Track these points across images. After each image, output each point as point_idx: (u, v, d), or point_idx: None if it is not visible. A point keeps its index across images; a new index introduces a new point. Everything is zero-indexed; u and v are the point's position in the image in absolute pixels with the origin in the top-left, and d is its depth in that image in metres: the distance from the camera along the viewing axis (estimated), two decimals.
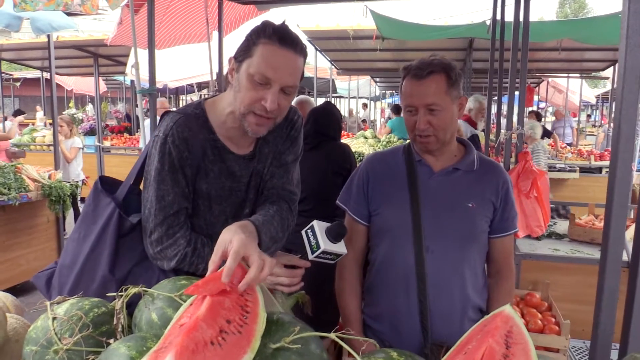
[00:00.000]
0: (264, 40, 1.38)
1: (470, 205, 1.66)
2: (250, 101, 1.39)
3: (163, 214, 1.43)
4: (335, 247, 1.41)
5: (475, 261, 1.70)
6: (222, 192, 1.52)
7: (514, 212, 1.74)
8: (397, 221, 1.69)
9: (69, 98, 17.45)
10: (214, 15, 4.84)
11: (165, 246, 1.44)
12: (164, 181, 1.43)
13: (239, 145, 1.54)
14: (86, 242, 1.48)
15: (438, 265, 1.64)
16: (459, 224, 1.66)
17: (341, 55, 9.42)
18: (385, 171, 1.77)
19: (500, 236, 1.73)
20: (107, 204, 1.49)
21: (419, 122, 1.61)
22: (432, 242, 1.64)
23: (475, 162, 1.73)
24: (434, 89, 1.59)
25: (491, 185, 1.70)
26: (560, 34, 5.86)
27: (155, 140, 1.47)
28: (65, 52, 8.95)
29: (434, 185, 1.69)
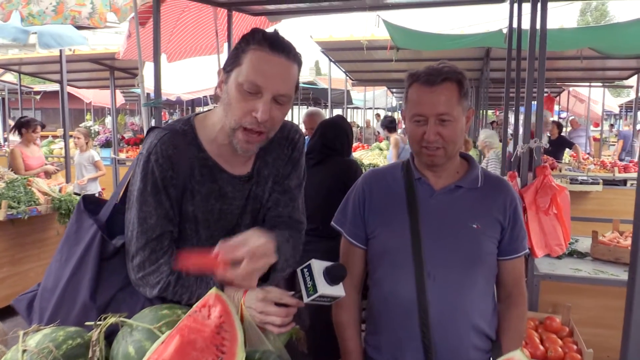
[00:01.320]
0: (253, 47, 1.29)
1: (475, 226, 1.53)
2: (240, 113, 1.28)
3: (145, 237, 1.34)
4: (333, 289, 1.29)
5: (482, 286, 1.56)
6: (210, 215, 1.41)
7: (523, 232, 1.61)
8: (395, 245, 1.56)
9: (88, 110, 17.71)
10: (223, 27, 4.79)
11: (147, 272, 1.34)
12: (146, 202, 1.34)
13: (233, 164, 1.43)
14: (68, 266, 1.40)
15: (441, 293, 1.50)
16: (463, 247, 1.52)
17: (356, 66, 9.33)
18: (383, 190, 1.64)
19: (509, 258, 1.60)
20: (89, 226, 1.41)
21: (429, 133, 1.48)
22: (434, 267, 1.51)
23: (480, 178, 1.59)
24: (446, 97, 1.47)
25: (497, 203, 1.57)
26: (580, 43, 5.68)
27: (139, 158, 1.37)
28: (82, 65, 9.04)
29: (435, 205, 1.56)
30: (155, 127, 1.43)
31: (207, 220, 1.41)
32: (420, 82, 1.50)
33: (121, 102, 15.23)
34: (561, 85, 11.78)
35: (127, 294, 1.39)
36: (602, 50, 5.92)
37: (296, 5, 4.67)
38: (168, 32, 5.17)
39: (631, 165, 7.70)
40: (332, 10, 4.81)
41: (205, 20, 5.12)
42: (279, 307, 1.28)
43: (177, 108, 21.16)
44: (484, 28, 8.61)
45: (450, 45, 5.71)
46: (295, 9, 4.73)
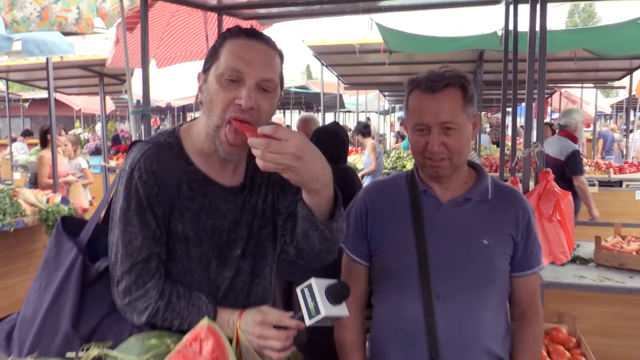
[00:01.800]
0: (230, 39, 1.22)
1: (486, 242, 1.43)
2: (222, 105, 1.19)
3: (130, 260, 1.23)
4: (336, 310, 1.19)
5: (495, 306, 1.45)
6: (203, 232, 1.30)
7: (537, 246, 1.51)
8: (400, 263, 1.46)
9: (77, 117, 17.51)
10: (213, 32, 4.69)
11: (134, 298, 1.24)
12: (130, 222, 1.23)
13: (224, 174, 1.33)
14: (47, 293, 1.30)
15: (451, 315, 1.40)
16: (473, 265, 1.42)
17: (348, 70, 9.25)
18: (386, 204, 1.53)
19: (523, 275, 1.49)
20: (69, 249, 1.30)
21: (432, 144, 1.38)
22: (443, 287, 1.41)
23: (490, 189, 1.49)
24: (450, 104, 1.37)
25: (509, 216, 1.47)
26: (574, 44, 5.63)
27: (122, 175, 1.27)
28: (71, 71, 8.90)
29: (443, 220, 1.46)
30: (138, 141, 1.33)
31: (199, 239, 1.31)
32: (421, 88, 1.41)
33: (111, 109, 15.03)
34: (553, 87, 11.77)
35: (114, 321, 1.29)
36: (597, 52, 5.88)
37: (288, 9, 4.57)
38: (157, 37, 5.06)
39: (626, 166, 7.67)
40: (324, 14, 4.72)
41: (195, 24, 5.02)
42: (279, 330, 1.20)
43: (168, 114, 21.00)
44: (478, 30, 8.57)
45: (444, 48, 5.64)
46: (287, 13, 4.64)
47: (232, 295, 1.37)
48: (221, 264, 1.34)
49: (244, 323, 1.23)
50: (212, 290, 1.33)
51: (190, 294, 1.28)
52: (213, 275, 1.33)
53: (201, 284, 1.32)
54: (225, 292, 1.36)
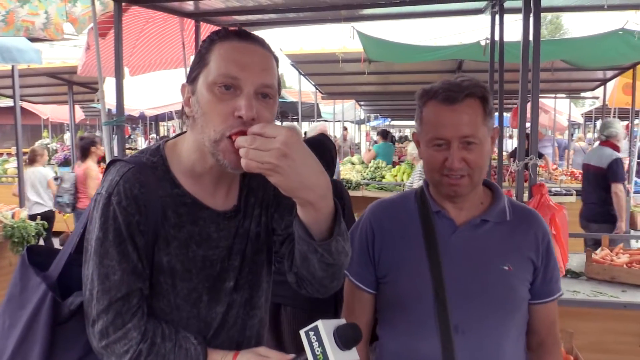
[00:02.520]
0: (219, 42, 1.06)
1: (507, 267, 1.31)
2: (220, 118, 1.03)
3: (108, 297, 1.07)
4: (346, 356, 1.04)
5: (516, 337, 1.34)
6: (192, 264, 1.14)
7: (557, 271, 1.39)
8: (413, 292, 1.32)
9: (45, 127, 16.96)
10: (190, 39, 4.53)
11: (112, 340, 1.07)
12: (107, 255, 1.07)
13: (216, 197, 1.17)
14: (12, 335, 1.13)
15: (472, 349, 1.27)
16: (495, 293, 1.29)
17: (326, 79, 9.17)
18: (395, 226, 1.40)
19: (543, 302, 1.38)
20: (36, 285, 1.13)
21: (452, 160, 1.25)
22: (462, 319, 1.27)
23: (507, 210, 1.37)
24: (471, 116, 1.25)
25: (529, 239, 1.35)
26: (553, 55, 5.65)
27: (97, 200, 1.10)
28: (38, 79, 8.58)
29: (459, 244, 1.33)
30: (117, 160, 1.16)
31: (188, 272, 1.14)
32: (438, 99, 1.27)
33: (81, 118, 14.61)
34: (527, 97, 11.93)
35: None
36: (575, 63, 5.92)
37: (268, 16, 4.45)
38: (131, 44, 4.86)
39: None
40: (305, 21, 4.62)
41: (171, 31, 4.85)
42: None
43: (140, 123, 20.56)
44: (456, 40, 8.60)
45: (426, 57, 5.59)
46: (267, 20, 4.52)
47: (224, 331, 1.22)
48: (212, 299, 1.18)
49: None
50: (202, 328, 1.18)
51: (176, 335, 1.13)
52: (203, 311, 1.18)
53: (190, 322, 1.17)
54: (217, 329, 1.20)
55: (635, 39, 4.45)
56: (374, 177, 8.25)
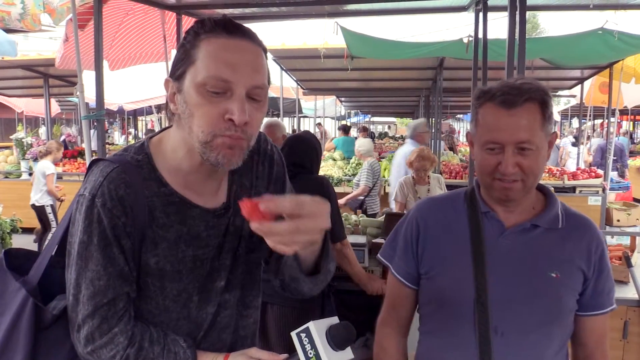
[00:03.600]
0: (205, 36, 0.99)
1: (554, 275, 1.27)
2: (209, 121, 0.98)
3: (93, 302, 1.03)
4: (341, 356, 1.03)
5: (558, 347, 1.31)
6: (182, 265, 1.10)
7: (610, 283, 1.35)
8: (455, 291, 1.31)
9: (20, 120, 16.56)
10: (172, 32, 4.45)
11: (98, 345, 1.04)
12: (92, 259, 1.03)
13: (205, 195, 1.13)
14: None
15: (509, 352, 1.25)
16: (539, 300, 1.27)
17: (307, 75, 9.14)
18: (442, 224, 1.38)
19: (592, 315, 1.33)
20: (16, 290, 1.08)
21: (506, 164, 1.21)
22: (503, 321, 1.26)
23: (560, 217, 1.32)
24: (529, 122, 1.21)
25: (581, 248, 1.31)
26: (533, 54, 5.72)
27: (80, 201, 1.05)
28: (12, 72, 8.37)
29: (506, 247, 1.30)
30: (99, 160, 1.11)
31: (177, 272, 1.10)
32: (495, 102, 1.22)
33: (56, 112, 14.31)
34: None
35: None
36: (554, 61, 6.00)
37: (251, 10, 4.41)
38: (110, 36, 4.76)
39: (579, 172, 7.90)
40: (289, 16, 4.58)
41: (152, 24, 4.76)
42: None
43: (117, 117, 20.23)
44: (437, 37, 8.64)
45: (408, 54, 5.60)
46: (250, 14, 4.46)
47: (215, 333, 1.19)
48: (203, 299, 1.15)
49: None
50: (192, 330, 1.15)
51: (165, 338, 1.10)
52: (194, 312, 1.14)
53: (180, 323, 1.14)
54: (208, 330, 1.17)
55: (615, 39, 4.52)
56: (355, 173, 8.26)
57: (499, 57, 3.77)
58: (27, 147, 9.48)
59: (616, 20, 4.43)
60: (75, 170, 9.13)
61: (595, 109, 11.14)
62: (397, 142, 19.46)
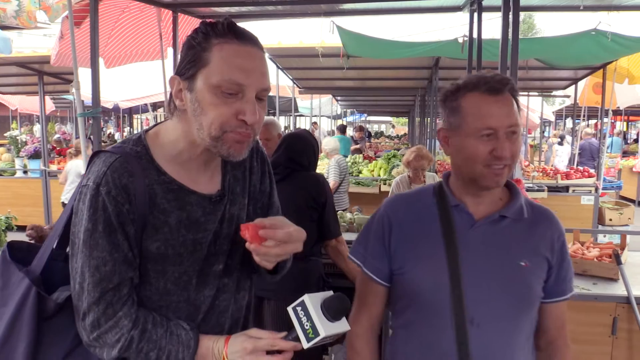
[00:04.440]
0: (218, 41, 1.07)
1: (524, 264, 1.32)
2: (222, 119, 1.07)
3: (99, 289, 1.07)
4: (337, 327, 1.08)
5: (528, 334, 1.36)
6: (183, 248, 1.16)
7: (571, 271, 1.41)
8: (429, 284, 1.33)
9: (14, 118, 16.49)
10: (168, 31, 4.45)
11: (103, 330, 1.08)
12: (97, 246, 1.07)
13: (200, 182, 1.20)
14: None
15: (486, 342, 1.29)
16: (512, 288, 1.31)
17: (303, 74, 9.15)
18: (413, 219, 1.41)
19: (555, 301, 1.38)
20: (19, 280, 1.12)
21: (502, 149, 1.25)
22: (478, 312, 1.29)
23: (525, 208, 1.38)
24: (512, 107, 1.27)
25: (545, 237, 1.37)
26: (527, 54, 5.76)
27: (83, 192, 1.09)
28: (7, 69, 8.30)
29: (477, 238, 1.34)
30: (101, 152, 1.16)
31: (179, 255, 1.16)
32: (481, 90, 1.28)
33: (51, 109, 14.24)
34: None
35: (78, 358, 1.14)
36: (548, 62, 6.04)
37: (248, 9, 4.42)
38: (106, 34, 4.75)
39: (572, 172, 7.96)
40: (285, 15, 4.60)
41: (148, 22, 4.76)
42: (273, 356, 1.09)
43: (112, 115, 20.16)
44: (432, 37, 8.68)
45: (404, 54, 5.62)
46: (246, 13, 4.48)
47: (214, 316, 1.24)
48: (201, 282, 1.21)
49: (231, 352, 1.11)
50: (191, 312, 1.20)
51: (168, 322, 1.15)
52: (193, 295, 1.20)
53: (180, 306, 1.19)
54: (207, 312, 1.23)
55: (608, 40, 4.56)
56: (351, 172, 8.29)
57: (493, 57, 3.80)
58: (21, 145, 9.47)
59: (609, 22, 4.47)
60: None
61: (589, 109, 11.20)
62: (392, 142, 19.54)
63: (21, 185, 8.85)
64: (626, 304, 2.76)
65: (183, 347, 1.11)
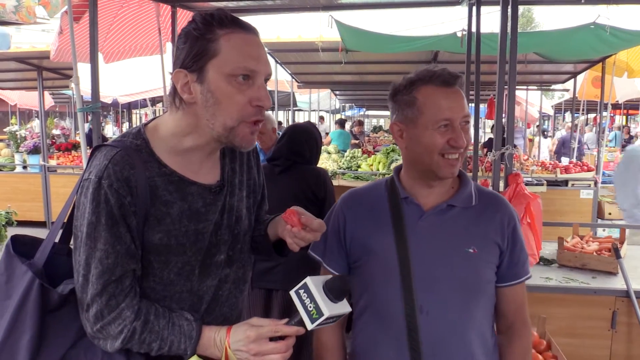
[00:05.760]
0: (225, 31, 1.10)
1: (472, 250, 1.36)
2: (239, 107, 1.11)
3: (102, 281, 1.09)
4: (339, 307, 1.11)
5: (482, 319, 1.39)
6: (185, 238, 1.18)
7: (524, 254, 1.44)
8: (381, 275, 1.37)
9: (13, 113, 16.46)
10: (166, 25, 4.45)
11: (106, 321, 1.10)
12: (100, 239, 1.08)
13: (200, 173, 1.22)
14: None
15: (435, 329, 1.32)
16: (458, 275, 1.35)
17: (302, 68, 9.14)
18: (366, 213, 1.44)
19: (509, 285, 1.42)
20: (22, 273, 1.13)
21: (459, 137, 1.31)
22: (427, 299, 1.33)
23: (474, 195, 1.42)
24: (464, 99, 1.33)
25: (494, 223, 1.40)
26: (526, 48, 5.76)
27: (85, 185, 1.11)
28: (6, 64, 8.29)
29: (425, 228, 1.38)
30: (102, 145, 1.18)
31: (182, 246, 1.18)
32: (435, 84, 1.32)
33: (50, 104, 14.22)
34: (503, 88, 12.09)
35: (82, 351, 1.15)
36: (548, 55, 6.04)
37: (246, 3, 4.41)
38: (105, 29, 4.75)
39: (571, 166, 7.96)
40: (284, 9, 4.58)
41: (147, 17, 4.76)
42: (277, 343, 1.11)
43: (111, 110, 20.13)
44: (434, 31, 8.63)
45: (402, 48, 5.62)
46: (245, 7, 4.46)
47: (217, 307, 1.27)
48: (203, 272, 1.23)
49: (234, 341, 1.13)
50: (194, 303, 1.22)
51: (170, 313, 1.16)
52: (195, 285, 1.22)
53: (182, 296, 1.21)
54: (210, 303, 1.25)
55: (607, 34, 4.56)
56: (349, 166, 8.29)
57: (492, 51, 3.80)
58: (20, 140, 9.45)
59: (608, 15, 4.46)
60: (70, 163, 9.12)
61: (588, 102, 11.19)
62: (391, 136, 19.49)
63: (21, 180, 8.85)
64: (625, 297, 2.77)
65: (185, 338, 1.13)
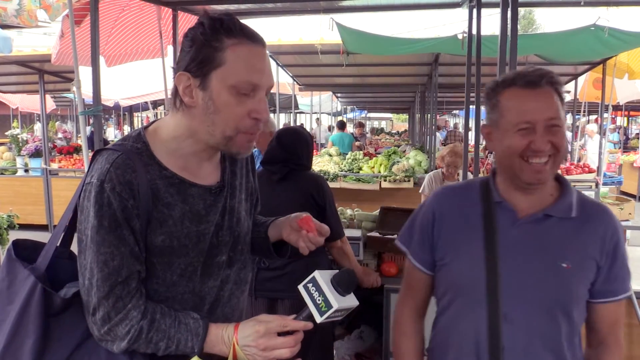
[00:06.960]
0: (232, 42, 1.10)
1: (565, 265, 1.29)
2: (237, 118, 1.12)
3: (109, 284, 1.09)
4: (347, 301, 1.12)
5: (568, 334, 1.33)
6: (188, 240, 1.19)
7: (625, 271, 1.35)
8: (467, 278, 1.35)
9: (14, 117, 16.50)
10: (168, 28, 4.46)
11: (114, 323, 1.10)
12: (104, 242, 1.09)
13: (200, 175, 1.23)
14: (2, 331, 1.13)
15: (519, 338, 1.29)
16: (548, 290, 1.30)
17: (303, 71, 9.15)
18: (456, 212, 1.42)
19: (605, 301, 1.34)
20: (24, 278, 1.13)
21: (538, 142, 1.24)
22: (512, 308, 1.29)
23: (574, 206, 1.34)
24: (552, 100, 1.26)
25: (595, 237, 1.33)
26: (527, 50, 5.77)
27: (88, 189, 1.11)
28: (7, 68, 8.30)
29: (518, 236, 1.33)
30: (103, 149, 1.19)
31: (184, 247, 1.18)
32: (518, 85, 1.28)
33: (52, 108, 14.25)
34: None
35: (85, 353, 1.14)
36: (549, 58, 6.04)
37: (247, 6, 4.43)
38: (106, 32, 4.77)
39: (572, 167, 7.97)
40: (285, 12, 4.60)
41: (148, 20, 4.77)
42: (285, 337, 1.12)
43: (113, 113, 20.17)
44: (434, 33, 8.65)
45: (404, 50, 5.62)
46: (245, 10, 4.49)
47: (219, 308, 1.28)
48: (205, 273, 1.24)
49: (242, 337, 1.14)
50: (197, 304, 1.23)
51: (176, 312, 1.17)
52: (198, 286, 1.23)
53: (185, 297, 1.21)
54: (212, 303, 1.26)
55: (606, 36, 4.56)
56: (351, 168, 8.30)
57: (493, 53, 3.80)
58: (22, 144, 9.47)
59: (608, 17, 4.47)
60: (71, 167, 9.13)
61: (589, 104, 11.18)
62: (392, 138, 19.51)
63: (22, 183, 8.87)
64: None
65: (192, 336, 1.13)
